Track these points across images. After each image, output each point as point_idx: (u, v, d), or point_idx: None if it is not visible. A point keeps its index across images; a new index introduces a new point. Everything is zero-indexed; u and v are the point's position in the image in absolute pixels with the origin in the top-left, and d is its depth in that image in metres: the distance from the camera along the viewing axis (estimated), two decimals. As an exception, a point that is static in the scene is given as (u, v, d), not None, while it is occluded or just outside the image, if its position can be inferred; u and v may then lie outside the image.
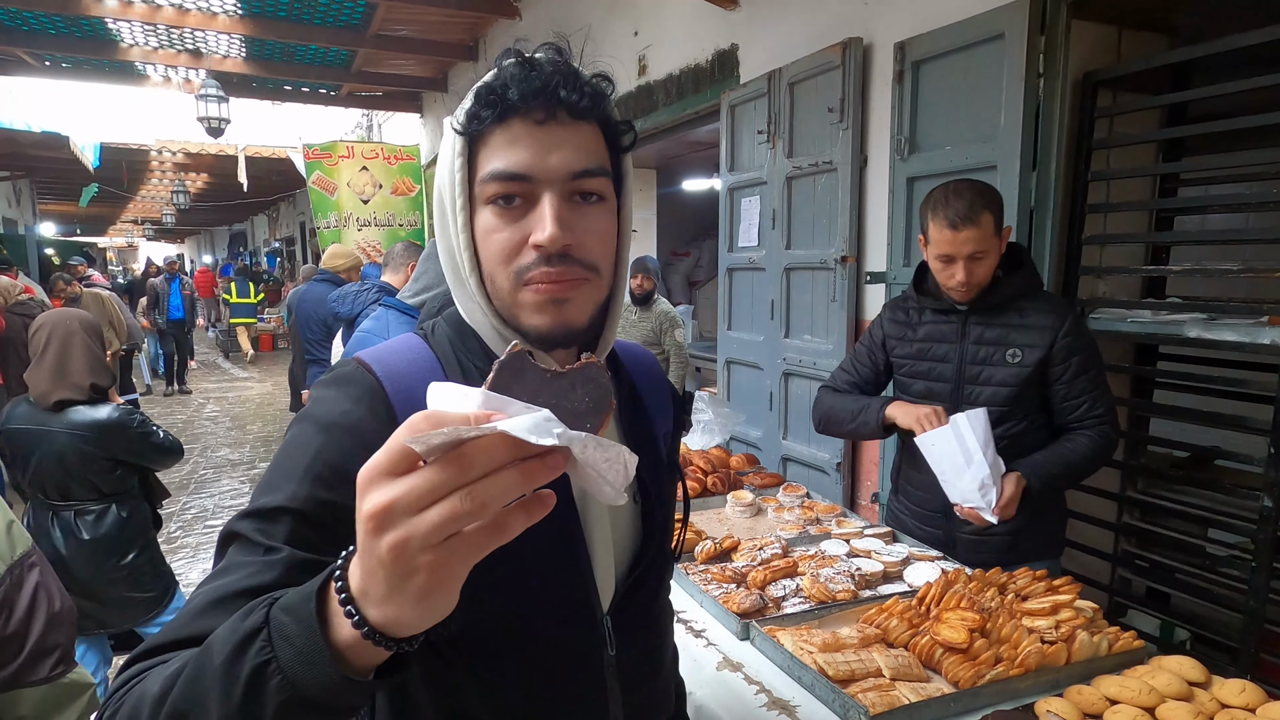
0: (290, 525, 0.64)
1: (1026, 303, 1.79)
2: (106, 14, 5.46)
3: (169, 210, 16.90)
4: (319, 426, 0.70)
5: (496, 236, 0.70)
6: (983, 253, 1.73)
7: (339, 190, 7.75)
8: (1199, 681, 1.24)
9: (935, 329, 1.89)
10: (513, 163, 0.68)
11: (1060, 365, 1.76)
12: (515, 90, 0.67)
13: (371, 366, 0.74)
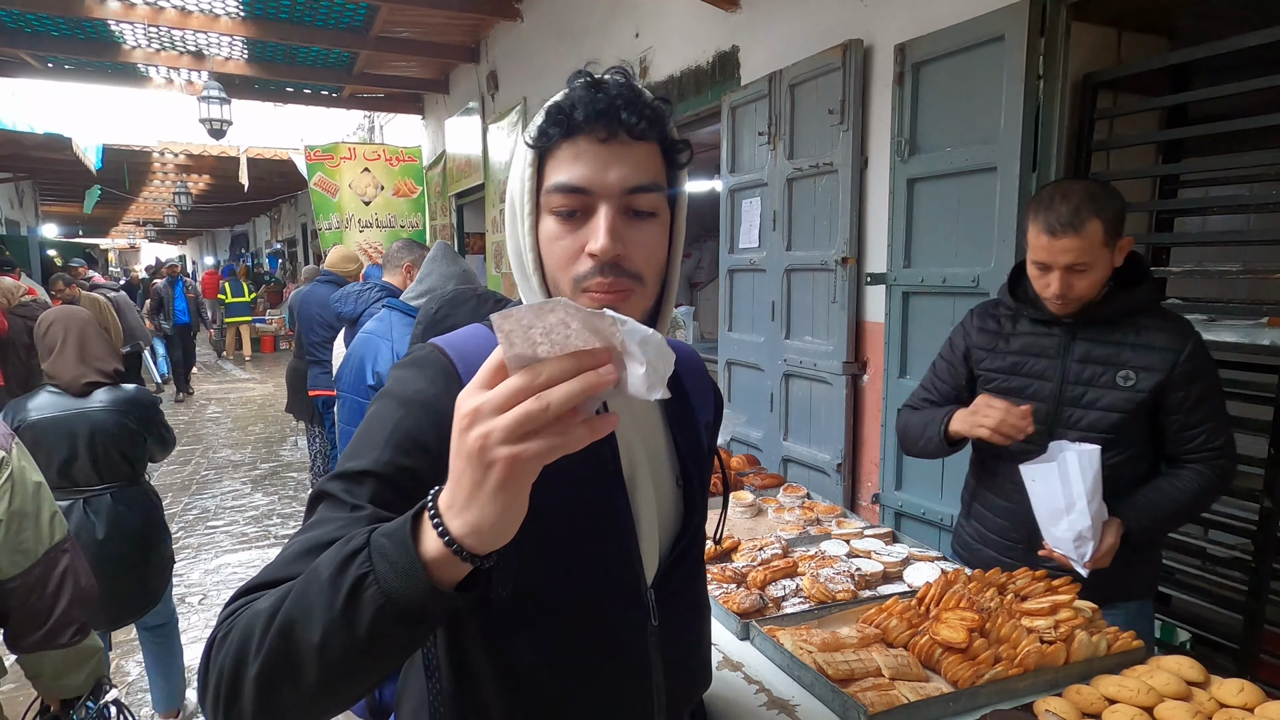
0: (373, 487, 0.72)
1: (1145, 319, 1.58)
2: (109, 16, 5.48)
3: (171, 212, 16.93)
4: (398, 402, 0.77)
5: (558, 244, 0.77)
6: (1084, 265, 1.51)
7: (341, 192, 7.76)
8: (1197, 681, 1.24)
9: (1033, 341, 1.67)
10: (575, 177, 0.75)
11: (1180, 392, 1.55)
12: (581, 111, 0.74)
13: (446, 350, 0.82)
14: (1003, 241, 2.31)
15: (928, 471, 2.69)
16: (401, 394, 0.78)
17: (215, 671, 0.62)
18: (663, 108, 0.79)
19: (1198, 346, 1.57)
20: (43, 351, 2.50)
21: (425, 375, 0.80)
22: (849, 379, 3.00)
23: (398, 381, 0.80)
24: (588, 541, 0.81)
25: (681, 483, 0.93)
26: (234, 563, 4.57)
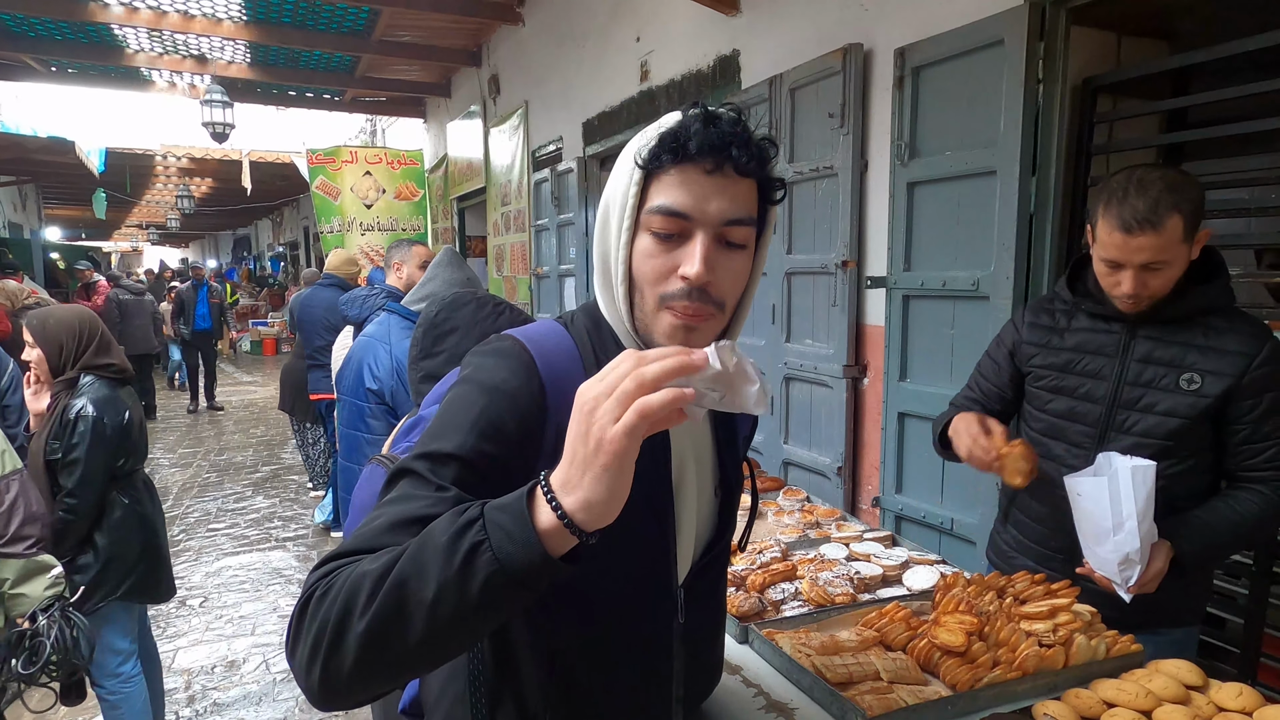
0: (457, 469, 0.76)
1: (1217, 320, 1.45)
2: (112, 20, 5.50)
3: (173, 215, 16.97)
4: (482, 389, 0.81)
5: (652, 261, 0.80)
6: (1161, 263, 1.38)
7: (342, 195, 7.79)
8: (1196, 685, 1.24)
9: (1090, 338, 1.55)
10: (678, 202, 0.78)
11: (1249, 400, 1.41)
12: (695, 142, 0.78)
13: (526, 345, 0.85)
14: (1003, 245, 2.32)
15: (928, 475, 2.69)
16: (486, 381, 0.82)
17: (316, 623, 0.66)
18: (769, 150, 0.82)
19: (1274, 352, 1.42)
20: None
21: (508, 365, 0.83)
22: (849, 382, 3.00)
23: (480, 369, 0.84)
24: (633, 536, 0.84)
25: (720, 493, 0.99)
26: (235, 565, 4.57)
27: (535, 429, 0.81)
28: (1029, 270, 2.31)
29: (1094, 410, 1.53)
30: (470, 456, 0.76)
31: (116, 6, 5.45)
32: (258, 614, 3.93)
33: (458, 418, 0.79)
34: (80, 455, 2.22)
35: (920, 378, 2.69)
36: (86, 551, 2.30)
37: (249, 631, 3.74)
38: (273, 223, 20.31)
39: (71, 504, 2.23)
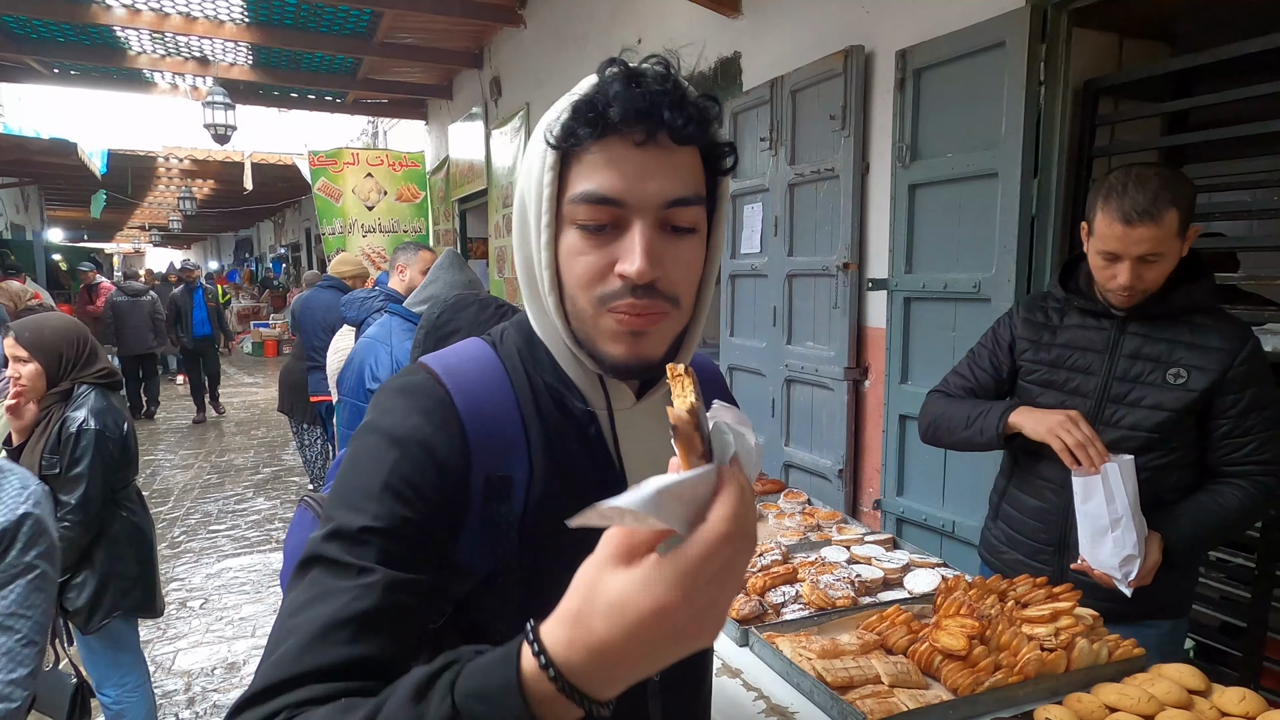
0: (379, 545, 0.63)
1: (1203, 318, 1.51)
2: (115, 22, 5.51)
3: (175, 216, 17.00)
4: (390, 440, 0.68)
5: (582, 260, 0.67)
6: (1158, 255, 1.44)
7: (344, 196, 7.79)
8: (1199, 689, 1.24)
9: (1080, 334, 1.61)
10: (606, 186, 0.65)
11: (1232, 395, 1.47)
12: (618, 108, 0.63)
13: (441, 377, 0.72)
14: (1004, 247, 2.31)
15: (929, 477, 2.68)
16: (394, 430, 0.68)
17: None
18: (711, 106, 0.69)
19: (1256, 350, 1.48)
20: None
21: (420, 407, 0.70)
22: (850, 384, 3.00)
23: (386, 413, 0.70)
24: None
25: None
26: (235, 567, 4.57)
27: (458, 484, 0.68)
28: (1030, 272, 2.31)
29: (1083, 404, 1.58)
30: (389, 527, 0.64)
31: (119, 8, 5.46)
32: (258, 616, 3.92)
33: (366, 479, 0.66)
34: (84, 470, 2.13)
35: (922, 380, 2.69)
36: (83, 569, 2.22)
37: (249, 633, 3.74)
38: (274, 224, 20.34)
39: (74, 520, 2.14)
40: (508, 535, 0.70)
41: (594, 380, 0.75)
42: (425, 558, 0.65)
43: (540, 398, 0.75)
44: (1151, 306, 1.52)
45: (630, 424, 0.77)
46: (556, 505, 0.70)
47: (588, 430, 0.75)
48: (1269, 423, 1.49)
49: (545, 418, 0.74)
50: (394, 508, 0.64)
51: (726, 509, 0.45)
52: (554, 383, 0.75)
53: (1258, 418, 1.48)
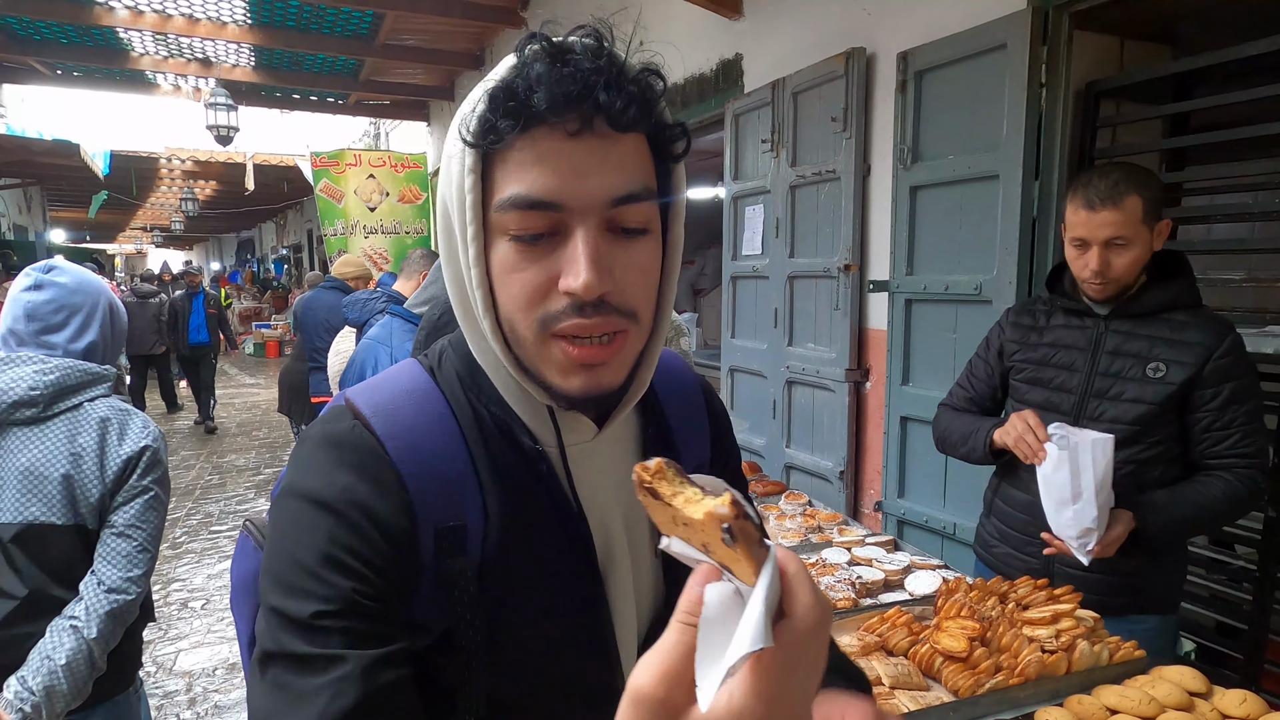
0: (340, 627, 0.55)
1: (1182, 315, 1.55)
2: (118, 24, 5.53)
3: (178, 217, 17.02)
4: (319, 505, 0.58)
5: (518, 277, 0.57)
6: (1123, 240, 1.51)
7: (346, 198, 7.80)
8: (1200, 692, 1.24)
9: (1065, 333, 1.67)
10: (538, 187, 0.55)
11: (1210, 389, 1.51)
12: (543, 94, 0.54)
13: (370, 423, 0.62)
14: (1005, 249, 2.31)
15: (931, 479, 2.68)
16: (321, 494, 0.59)
17: None
18: (653, 83, 0.59)
19: (1235, 345, 1.52)
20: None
21: (348, 463, 0.60)
22: (851, 386, 3.00)
23: (311, 472, 0.60)
24: (562, 649, 0.67)
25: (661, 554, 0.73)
26: (237, 568, 4.58)
27: (405, 544, 0.59)
28: (1031, 274, 2.31)
29: (1068, 400, 1.64)
30: (343, 606, 0.56)
31: (122, 10, 5.47)
32: (259, 616, 3.93)
33: (301, 553, 0.57)
34: None
35: (922, 382, 2.69)
36: None
37: (251, 634, 3.75)
38: (276, 225, 20.37)
39: None
40: (466, 588, 0.61)
41: (541, 412, 0.65)
42: (392, 624, 0.58)
43: (487, 431, 0.65)
44: (1131, 305, 1.59)
45: (586, 457, 0.67)
46: (515, 551, 0.63)
47: (539, 468, 0.65)
48: (1250, 416, 1.51)
49: (495, 454, 0.64)
50: (341, 583, 0.56)
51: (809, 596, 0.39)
52: (500, 414, 0.65)
53: (1238, 411, 1.51)
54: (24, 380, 1.44)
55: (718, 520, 0.37)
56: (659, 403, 0.77)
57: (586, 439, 0.67)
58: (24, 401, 1.43)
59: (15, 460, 1.42)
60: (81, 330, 1.53)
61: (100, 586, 1.42)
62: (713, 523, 0.37)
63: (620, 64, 0.57)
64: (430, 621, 0.62)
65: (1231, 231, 3.00)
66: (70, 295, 1.54)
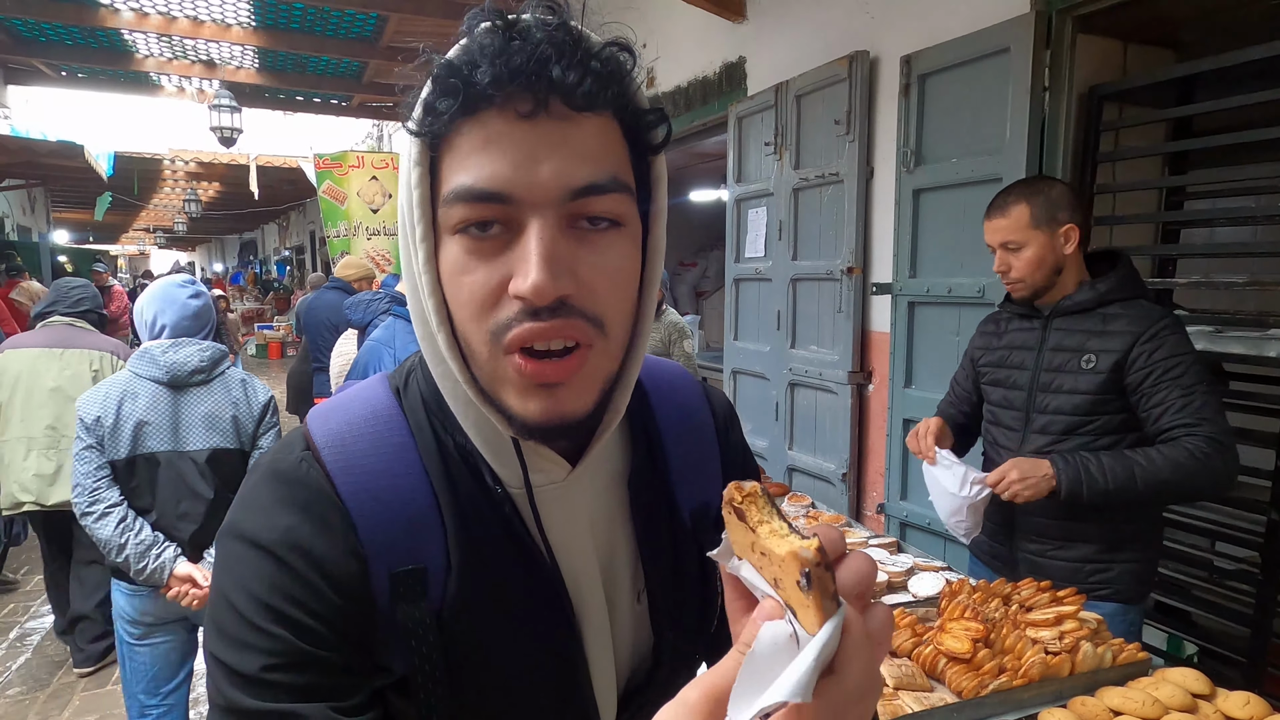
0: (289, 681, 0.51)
1: (1116, 308, 1.66)
2: (122, 25, 5.54)
3: (180, 219, 17.05)
4: (259, 549, 0.53)
5: (466, 280, 0.50)
6: (1015, 244, 1.69)
7: (349, 199, 7.81)
8: (1203, 694, 1.24)
9: (1018, 335, 1.81)
10: (485, 176, 0.48)
11: (1139, 372, 1.58)
12: (487, 70, 0.47)
13: (321, 455, 0.57)
14: (1008, 252, 2.31)
15: (933, 482, 2.68)
16: (260, 536, 0.54)
17: None
18: (620, 57, 0.52)
19: (1162, 329, 1.60)
20: None
21: (293, 500, 0.55)
22: (854, 388, 3.00)
23: (253, 510, 0.55)
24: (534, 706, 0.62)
25: (644, 599, 0.66)
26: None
27: (354, 591, 0.54)
28: (1035, 277, 2.31)
29: (1019, 396, 1.78)
30: (293, 657, 0.51)
31: (126, 12, 5.49)
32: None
33: (243, 603, 0.52)
34: None
35: (925, 384, 2.69)
36: None
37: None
38: (279, 227, 20.39)
39: None
40: (425, 636, 0.56)
41: (506, 446, 0.57)
42: (349, 674, 0.53)
43: (452, 465, 0.58)
44: (1066, 303, 1.71)
45: (557, 499, 0.60)
46: (481, 600, 0.58)
47: (503, 510, 0.58)
48: (1184, 387, 1.55)
49: (461, 493, 0.58)
50: (285, 635, 0.51)
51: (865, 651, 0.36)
52: (467, 445, 0.59)
53: (1171, 384, 1.56)
54: (194, 357, 2.08)
55: (799, 563, 0.36)
56: (656, 429, 0.68)
57: (558, 479, 0.59)
58: (197, 369, 2.08)
59: (197, 409, 2.08)
60: (209, 325, 2.17)
61: None
62: (793, 563, 0.36)
63: (579, 35, 0.50)
64: (390, 665, 0.57)
65: (1234, 235, 3.00)
66: (208, 303, 2.19)
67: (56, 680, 3.30)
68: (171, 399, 2.07)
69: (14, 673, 3.36)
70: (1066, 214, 1.67)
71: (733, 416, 0.77)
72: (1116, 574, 1.68)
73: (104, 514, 1.96)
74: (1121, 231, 2.37)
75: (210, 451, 2.07)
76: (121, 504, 1.99)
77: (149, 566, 1.97)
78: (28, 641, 3.66)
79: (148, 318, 2.12)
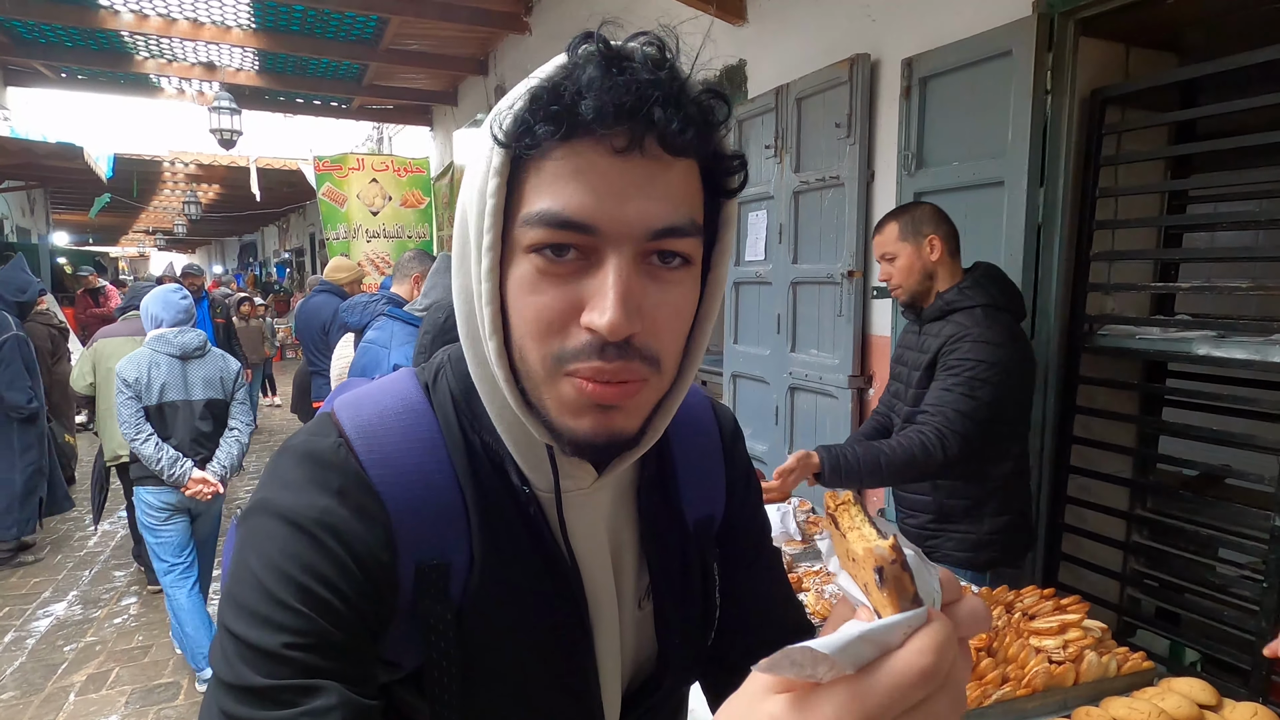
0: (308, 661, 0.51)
1: (959, 316, 1.88)
2: (122, 27, 5.54)
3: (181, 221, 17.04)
4: (294, 526, 0.53)
5: (534, 300, 0.51)
6: (890, 255, 1.97)
7: (349, 202, 7.80)
8: (1209, 704, 1.22)
9: (908, 337, 2.09)
10: (574, 206, 0.49)
11: (939, 372, 1.85)
12: (592, 102, 0.48)
13: (354, 445, 0.57)
14: (1010, 256, 2.30)
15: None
16: (297, 514, 0.54)
17: None
18: (718, 107, 0.53)
19: (965, 337, 1.82)
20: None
21: (328, 484, 0.55)
22: (854, 393, 2.99)
23: (288, 488, 0.55)
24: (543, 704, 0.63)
25: (647, 605, 0.68)
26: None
27: (382, 580, 0.55)
28: (1036, 281, 2.30)
29: (902, 389, 2.07)
30: (315, 638, 0.51)
31: (126, 14, 5.48)
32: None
33: (269, 577, 0.52)
34: None
35: (926, 389, 2.67)
36: None
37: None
38: (279, 229, 20.39)
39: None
40: (444, 631, 0.57)
41: (539, 452, 0.59)
42: (358, 664, 0.53)
43: (478, 464, 0.60)
44: (924, 312, 1.97)
45: (581, 504, 0.62)
46: (499, 598, 0.59)
47: (528, 510, 0.60)
48: (948, 385, 1.81)
49: (486, 491, 0.59)
50: (312, 616, 0.51)
51: (928, 640, 0.34)
52: (495, 445, 0.60)
53: (943, 378, 1.84)
54: (195, 339, 3.16)
55: (874, 559, 0.36)
56: (666, 441, 0.70)
57: (584, 485, 0.60)
58: (197, 347, 3.16)
59: (198, 373, 3.15)
60: (192, 317, 3.20)
61: (240, 422, 3.28)
62: (869, 559, 0.36)
63: (683, 79, 0.51)
64: (400, 660, 0.57)
65: (1237, 239, 2.99)
66: (191, 302, 3.21)
67: (51, 684, 3.28)
68: (181, 367, 3.11)
69: (8, 677, 3.34)
70: (929, 227, 1.93)
71: (738, 432, 0.79)
72: (944, 541, 1.97)
73: (146, 439, 3.01)
74: (1124, 235, 2.36)
75: (207, 400, 3.17)
76: (154, 433, 3.04)
77: (176, 473, 3.04)
78: (23, 645, 3.64)
79: (153, 313, 3.11)
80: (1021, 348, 1.89)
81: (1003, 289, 1.94)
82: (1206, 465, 2.37)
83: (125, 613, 4.00)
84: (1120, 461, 2.45)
